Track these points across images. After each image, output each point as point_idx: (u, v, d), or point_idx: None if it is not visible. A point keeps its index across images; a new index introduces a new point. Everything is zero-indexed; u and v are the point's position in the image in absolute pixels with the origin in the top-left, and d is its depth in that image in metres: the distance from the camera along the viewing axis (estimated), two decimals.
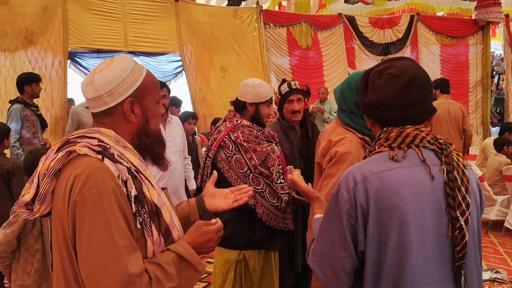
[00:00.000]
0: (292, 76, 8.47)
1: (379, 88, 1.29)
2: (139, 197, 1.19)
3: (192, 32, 7.70)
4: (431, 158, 1.25)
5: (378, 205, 1.20)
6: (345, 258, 1.25)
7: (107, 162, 1.18)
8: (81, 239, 1.12)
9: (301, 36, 8.47)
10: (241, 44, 8.09)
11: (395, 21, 9.19)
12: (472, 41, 9.77)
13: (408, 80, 1.26)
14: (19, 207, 1.25)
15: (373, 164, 1.26)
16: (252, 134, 2.36)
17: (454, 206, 1.18)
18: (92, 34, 6.88)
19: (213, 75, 7.88)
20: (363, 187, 1.21)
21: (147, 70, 1.35)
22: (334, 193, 1.29)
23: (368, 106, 1.34)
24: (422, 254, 1.18)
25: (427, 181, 1.21)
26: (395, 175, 1.21)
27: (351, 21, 8.83)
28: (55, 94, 6.57)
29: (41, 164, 1.23)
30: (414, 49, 9.32)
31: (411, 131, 1.26)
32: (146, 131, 1.33)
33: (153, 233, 1.22)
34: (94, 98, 1.26)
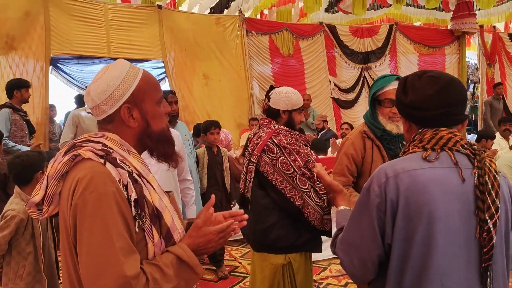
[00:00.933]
0: (274, 83, 8.56)
1: (420, 88, 1.37)
2: (139, 200, 1.22)
3: (175, 39, 7.74)
4: (463, 161, 1.29)
5: (407, 201, 1.25)
6: (373, 249, 1.31)
7: (109, 166, 1.22)
8: (81, 241, 1.16)
9: (283, 44, 8.59)
10: (224, 51, 8.16)
11: (374, 31, 9.40)
12: (448, 50, 10.07)
13: (448, 81, 1.35)
14: (30, 207, 1.29)
15: (405, 162, 1.32)
16: (292, 137, 2.44)
17: (483, 209, 1.23)
18: (74, 40, 6.84)
19: (196, 82, 7.92)
20: (394, 183, 1.27)
21: (143, 72, 1.36)
22: (366, 186, 1.35)
23: (408, 106, 1.40)
24: (448, 252, 1.23)
25: (458, 182, 1.26)
26: (426, 173, 1.26)
27: (332, 30, 9.00)
28: (36, 100, 6.51)
29: (50, 166, 1.28)
30: (393, 58, 9.55)
31: (445, 134, 1.32)
32: (149, 133, 1.35)
33: (154, 236, 1.24)
34: (94, 107, 1.32)
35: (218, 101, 7.93)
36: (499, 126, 6.68)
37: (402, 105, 1.44)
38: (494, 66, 10.45)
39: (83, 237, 1.15)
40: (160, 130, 1.38)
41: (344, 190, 1.77)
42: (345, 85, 9.13)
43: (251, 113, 8.22)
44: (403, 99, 1.42)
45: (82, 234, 1.16)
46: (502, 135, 6.56)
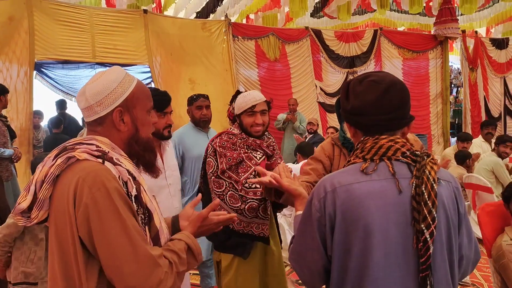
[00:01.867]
0: (261, 88, 8.60)
1: (360, 94, 1.35)
2: (138, 197, 1.27)
3: (161, 43, 7.72)
4: (402, 171, 1.29)
5: (344, 216, 1.26)
6: (318, 260, 1.33)
7: (108, 164, 1.24)
8: (101, 238, 1.18)
9: (269, 48, 8.62)
10: (210, 56, 8.16)
11: (359, 35, 9.50)
12: (432, 55, 10.21)
13: (387, 85, 1.33)
14: (16, 214, 1.27)
15: (343, 176, 1.32)
16: (230, 141, 2.47)
17: (419, 220, 1.23)
18: (59, 45, 6.77)
19: (182, 87, 7.90)
20: (332, 198, 1.29)
21: (138, 81, 1.41)
22: (309, 199, 1.37)
23: (350, 112, 1.38)
24: (385, 263, 1.24)
25: (394, 194, 1.26)
26: (362, 188, 1.27)
27: (318, 35, 9.07)
28: (20, 105, 6.43)
29: (38, 171, 1.27)
30: (378, 62, 9.65)
31: (385, 143, 1.32)
32: (137, 139, 1.39)
33: (146, 235, 1.28)
34: (86, 108, 1.34)
35: None
36: (481, 129, 6.81)
37: (344, 111, 1.43)
38: (476, 70, 10.62)
39: (102, 234, 1.18)
40: (147, 138, 1.42)
41: (303, 194, 1.70)
42: (331, 89, 9.20)
43: None
44: (345, 105, 1.41)
45: (101, 231, 1.18)
46: (484, 138, 6.69)
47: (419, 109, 9.84)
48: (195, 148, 3.45)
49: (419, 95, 10.08)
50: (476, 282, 4.03)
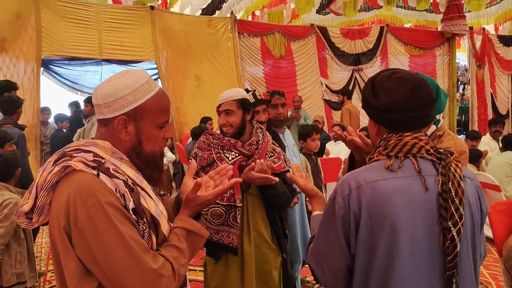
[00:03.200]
0: (266, 85, 8.61)
1: (391, 91, 1.32)
2: (137, 209, 1.22)
3: (167, 40, 7.74)
4: (428, 168, 1.27)
5: (369, 213, 1.24)
6: (341, 259, 1.31)
7: (103, 177, 1.19)
8: (100, 254, 1.15)
9: (274, 45, 8.62)
10: (216, 53, 8.18)
11: (365, 32, 9.47)
12: (439, 52, 10.16)
13: (418, 82, 1.32)
14: (18, 216, 1.26)
15: (368, 173, 1.29)
16: (206, 141, 2.43)
17: (446, 217, 1.21)
18: (66, 41, 6.83)
19: (188, 83, 7.93)
20: (357, 195, 1.26)
21: (158, 93, 1.33)
22: (331, 197, 1.34)
23: (380, 110, 1.35)
24: (412, 262, 1.22)
25: (420, 191, 1.24)
26: (387, 185, 1.24)
27: (323, 32, 9.05)
28: (28, 101, 6.46)
29: (39, 175, 1.25)
30: (384, 60, 9.62)
31: (409, 140, 1.30)
32: (138, 151, 1.32)
33: (153, 243, 1.25)
34: (95, 105, 1.30)
35: (210, 103, 7.88)
36: (489, 127, 6.76)
37: (372, 108, 1.39)
38: (483, 67, 10.57)
39: (102, 248, 1.14)
40: (151, 152, 1.35)
41: (319, 193, 1.72)
42: (336, 86, 9.18)
43: None
44: (373, 102, 1.37)
45: (99, 245, 1.14)
46: (492, 136, 6.64)
47: None
48: None
49: None
50: (483, 281, 4.01)
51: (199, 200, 1.39)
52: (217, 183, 1.47)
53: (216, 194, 1.41)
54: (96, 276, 1.18)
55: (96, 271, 1.17)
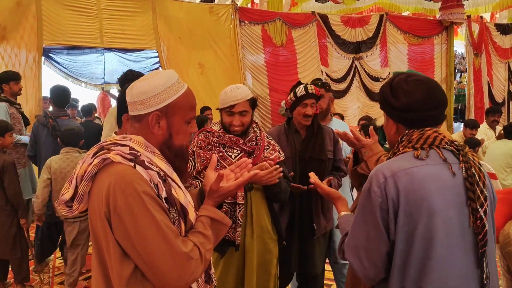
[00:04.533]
0: (267, 73, 8.60)
1: (410, 91, 1.46)
2: (169, 198, 1.34)
3: (169, 28, 7.67)
4: (450, 157, 1.40)
5: (407, 198, 1.33)
6: (382, 248, 1.38)
7: (139, 168, 1.30)
8: (138, 238, 1.25)
9: (275, 33, 8.59)
10: (218, 40, 8.13)
11: (365, 20, 9.46)
12: (437, 40, 10.20)
13: (433, 84, 1.48)
14: (59, 205, 1.38)
15: (400, 162, 1.40)
16: (206, 140, 2.43)
17: (474, 199, 1.34)
18: (67, 30, 6.74)
19: (191, 71, 7.89)
20: (393, 182, 1.35)
21: (187, 91, 1.45)
22: (365, 188, 1.42)
23: (400, 109, 1.48)
24: (447, 243, 1.32)
25: (449, 177, 1.36)
26: (421, 171, 1.35)
27: (324, 20, 9.03)
28: (30, 91, 6.41)
29: (79, 166, 1.37)
30: (383, 48, 9.64)
31: (431, 133, 1.43)
32: (169, 145, 1.43)
33: (182, 229, 1.37)
34: (130, 102, 1.42)
35: (213, 91, 7.92)
36: (487, 116, 6.85)
37: (392, 108, 1.51)
38: (481, 56, 10.64)
39: (139, 233, 1.25)
40: (180, 145, 1.47)
41: (342, 196, 1.86)
42: (337, 75, 9.20)
43: None
44: (393, 102, 1.49)
45: (137, 231, 1.25)
46: (489, 125, 6.73)
47: None
48: None
49: None
50: None
51: (222, 190, 1.51)
52: (238, 175, 1.60)
53: (237, 185, 1.53)
54: (132, 258, 1.29)
55: (133, 254, 1.28)
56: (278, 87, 8.65)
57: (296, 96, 2.78)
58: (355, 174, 2.21)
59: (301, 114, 2.78)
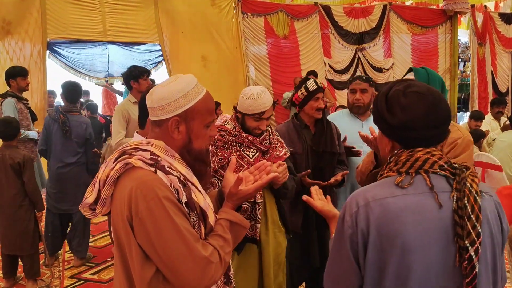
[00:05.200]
0: (270, 65, 8.61)
1: (407, 107, 1.25)
2: (189, 202, 1.38)
3: (171, 21, 7.69)
4: (441, 184, 1.21)
5: (379, 232, 1.18)
6: (354, 281, 1.26)
7: (160, 173, 1.34)
8: (159, 242, 1.29)
9: (278, 25, 8.58)
10: (220, 33, 8.14)
11: (368, 11, 9.43)
12: (441, 30, 10.15)
13: (436, 97, 1.26)
14: (83, 208, 1.43)
15: (377, 189, 1.24)
16: (222, 139, 2.44)
17: (463, 235, 1.14)
18: (70, 24, 6.79)
19: (194, 64, 7.91)
20: (365, 213, 1.21)
21: (205, 96, 1.46)
22: (341, 216, 1.29)
23: (397, 128, 1.28)
24: (425, 283, 1.17)
25: (433, 209, 1.18)
26: (397, 202, 1.19)
27: (327, 11, 9.01)
28: (35, 85, 6.47)
29: (102, 171, 1.41)
30: (387, 38, 9.61)
31: (421, 155, 1.24)
32: (189, 149, 1.46)
33: (202, 233, 1.41)
34: (150, 108, 1.45)
35: (216, 84, 7.95)
36: (491, 107, 6.85)
37: (387, 124, 1.31)
38: (485, 45, 10.58)
39: (160, 237, 1.29)
40: (199, 149, 1.49)
41: (337, 215, 1.61)
42: (340, 66, 9.20)
43: None
44: (388, 118, 1.30)
45: (158, 235, 1.29)
46: (494, 116, 6.74)
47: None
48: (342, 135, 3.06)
49: None
50: None
51: (241, 193, 1.54)
52: (256, 178, 1.62)
53: (256, 188, 1.56)
54: (154, 261, 1.32)
55: (154, 257, 1.31)
56: (281, 79, 8.67)
57: (309, 90, 2.81)
58: (371, 178, 2.10)
59: (314, 108, 2.82)
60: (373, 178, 2.14)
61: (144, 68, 4.12)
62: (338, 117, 3.28)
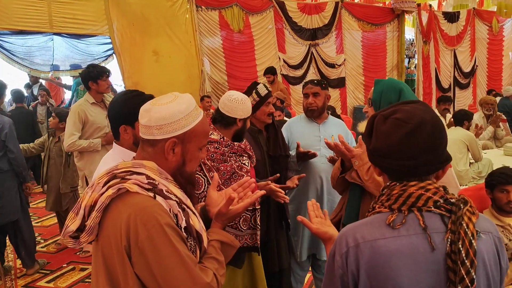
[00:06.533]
0: (225, 60, 8.52)
1: (384, 134, 1.20)
2: (188, 228, 1.32)
3: (122, 13, 7.38)
4: (435, 224, 1.15)
5: (368, 276, 1.14)
6: None
7: (159, 199, 1.27)
8: (160, 270, 1.22)
9: (233, 19, 8.49)
10: (174, 27, 7.92)
11: (321, 7, 9.54)
12: (389, 28, 10.51)
13: (414, 126, 1.16)
14: (65, 237, 1.30)
15: (367, 229, 1.18)
16: (218, 151, 2.37)
17: (455, 281, 1.09)
18: (13, 13, 6.33)
19: (145, 58, 7.66)
20: (355, 254, 1.16)
21: (203, 118, 1.41)
22: (331, 253, 1.25)
23: (373, 153, 1.25)
24: None
25: (426, 252, 1.12)
26: (388, 245, 1.13)
27: (281, 6, 9.02)
28: None
29: (88, 196, 1.29)
30: (339, 35, 9.79)
31: (414, 191, 1.17)
32: (182, 171, 1.40)
33: (197, 256, 1.35)
34: (145, 126, 1.34)
35: (170, 78, 7.75)
36: (438, 104, 7.14)
37: (368, 149, 1.29)
38: (429, 43, 11.05)
39: (162, 265, 1.22)
40: (191, 172, 1.44)
41: (333, 237, 1.53)
42: (294, 61, 9.27)
43: (202, 90, 8.14)
44: (368, 143, 1.27)
45: (160, 263, 1.22)
46: (441, 113, 7.02)
47: None
48: (300, 139, 3.06)
49: (376, 67, 10.42)
50: None
51: (231, 213, 1.50)
52: (241, 195, 1.59)
53: (245, 207, 1.52)
54: None
55: (154, 287, 1.24)
56: (236, 74, 8.60)
57: (261, 96, 2.73)
58: (341, 182, 2.17)
59: (266, 113, 2.77)
60: (343, 183, 2.19)
61: (103, 68, 3.90)
62: (295, 121, 3.32)
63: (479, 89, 12.33)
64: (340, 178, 2.17)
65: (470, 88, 12.26)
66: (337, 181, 2.23)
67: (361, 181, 2.03)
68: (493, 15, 12.22)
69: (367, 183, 2.00)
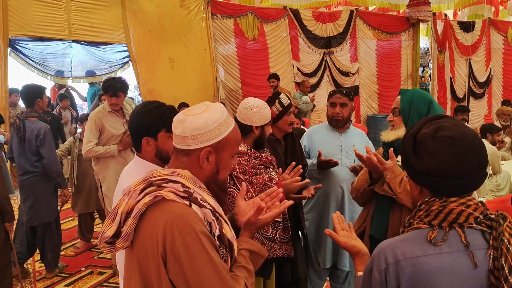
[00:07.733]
0: (239, 67, 8.59)
1: (436, 153, 1.16)
2: (221, 236, 1.33)
3: (139, 22, 7.53)
4: (477, 241, 1.13)
5: None
6: None
7: (194, 207, 1.29)
8: (195, 278, 1.25)
9: (247, 27, 8.58)
10: (189, 34, 8.04)
11: (336, 16, 9.58)
12: (404, 37, 10.48)
13: (468, 143, 1.15)
14: (101, 242, 1.33)
15: (408, 245, 1.16)
16: (249, 164, 2.37)
17: None
18: (34, 21, 6.53)
19: (160, 65, 7.78)
20: (395, 271, 1.14)
21: (235, 126, 1.43)
22: (367, 269, 1.23)
23: (423, 174, 1.20)
24: None
25: (468, 268, 1.10)
26: (431, 262, 1.12)
27: (296, 14, 9.09)
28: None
29: (124, 203, 1.32)
30: (353, 43, 9.81)
31: (455, 207, 1.15)
32: (216, 179, 1.43)
33: (228, 265, 1.37)
34: (180, 136, 1.37)
35: (184, 85, 7.85)
36: (455, 115, 7.08)
37: (414, 170, 1.23)
38: (444, 52, 11.00)
39: (196, 273, 1.24)
40: (224, 179, 1.47)
41: (362, 250, 1.53)
42: (308, 69, 9.31)
43: (216, 97, 8.22)
44: (414, 164, 1.22)
45: (194, 271, 1.24)
46: None
47: (391, 89, 10.17)
48: (321, 148, 3.03)
49: (391, 76, 10.39)
50: None
51: (260, 223, 1.52)
52: (269, 205, 1.60)
53: (273, 216, 1.54)
54: None
55: None
56: (250, 81, 8.67)
57: (284, 105, 2.76)
58: (366, 194, 2.13)
59: (288, 122, 2.80)
60: (368, 195, 2.16)
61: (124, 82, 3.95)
62: (317, 129, 3.31)
63: (494, 99, 12.21)
64: (366, 190, 2.14)
65: (485, 98, 12.14)
66: (362, 193, 2.20)
67: (393, 194, 2.00)
68: (509, 25, 12.14)
69: (400, 195, 1.97)
